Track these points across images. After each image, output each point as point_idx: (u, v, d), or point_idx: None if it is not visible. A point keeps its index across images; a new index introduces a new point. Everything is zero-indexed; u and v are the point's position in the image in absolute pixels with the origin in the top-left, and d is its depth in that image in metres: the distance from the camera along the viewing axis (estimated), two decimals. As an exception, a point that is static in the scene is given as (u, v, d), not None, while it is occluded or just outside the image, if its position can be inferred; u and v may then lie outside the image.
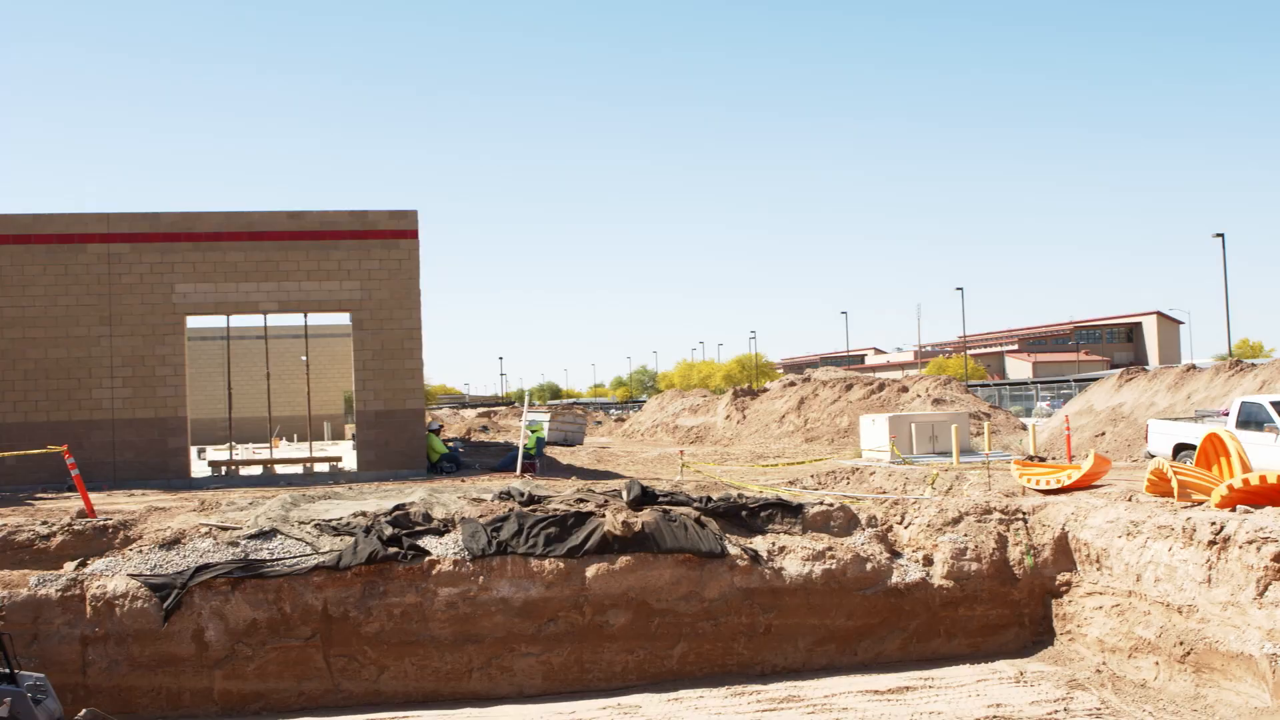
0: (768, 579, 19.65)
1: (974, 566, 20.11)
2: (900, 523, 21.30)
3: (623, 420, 77.44)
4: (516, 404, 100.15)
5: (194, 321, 30.80)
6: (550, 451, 39.68)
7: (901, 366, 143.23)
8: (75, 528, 20.36)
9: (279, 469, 31.87)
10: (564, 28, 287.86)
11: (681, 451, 37.79)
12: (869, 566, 20.00)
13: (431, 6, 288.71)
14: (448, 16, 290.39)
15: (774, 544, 20.23)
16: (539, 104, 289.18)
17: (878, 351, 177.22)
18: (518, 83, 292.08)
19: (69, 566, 19.27)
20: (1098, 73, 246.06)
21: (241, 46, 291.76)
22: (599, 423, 76.09)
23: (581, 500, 21.35)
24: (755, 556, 19.81)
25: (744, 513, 21.06)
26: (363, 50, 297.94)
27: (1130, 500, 19.85)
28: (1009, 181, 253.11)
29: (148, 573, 18.89)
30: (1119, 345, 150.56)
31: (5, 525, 20.43)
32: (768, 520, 21.01)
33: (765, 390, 60.84)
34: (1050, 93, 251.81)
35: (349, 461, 32.54)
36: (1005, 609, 20.20)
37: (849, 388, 51.07)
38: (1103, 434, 35.64)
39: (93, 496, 22.70)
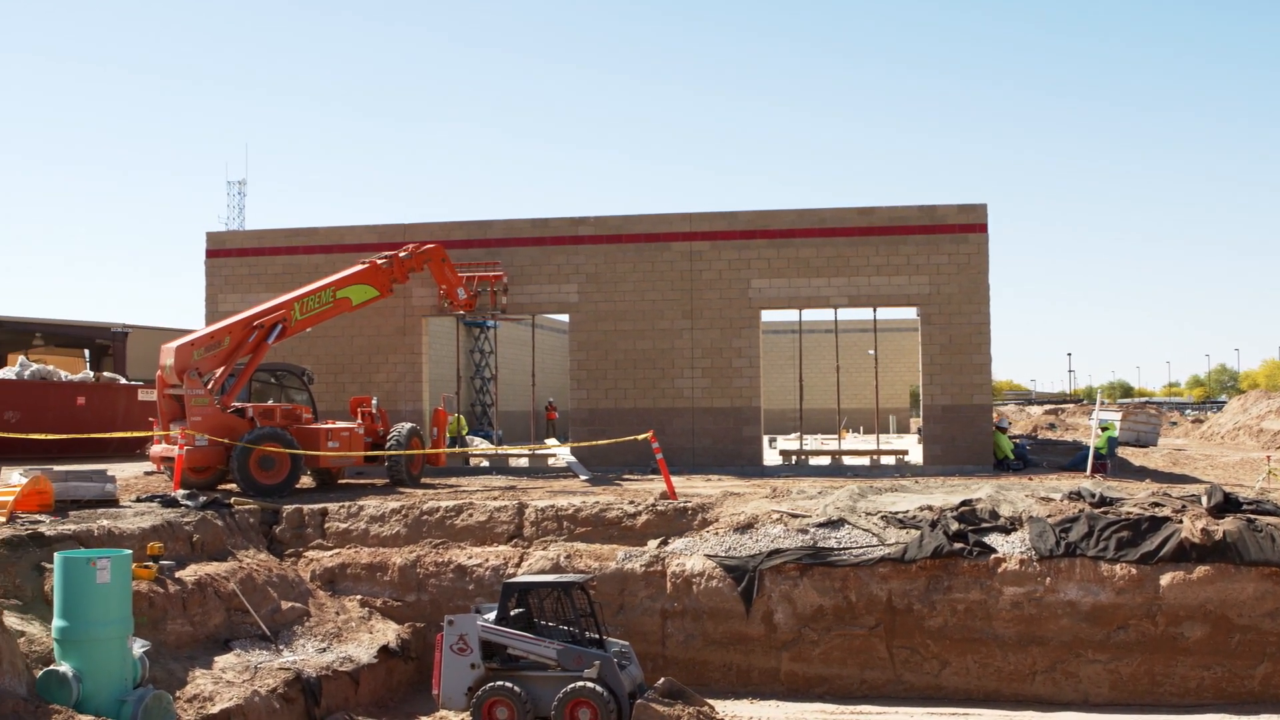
0: (1372, 601, 17.93)
1: None
2: None
3: (1200, 421, 72.46)
4: (1085, 401, 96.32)
5: (766, 315, 31.93)
6: (1121, 452, 37.88)
7: None
8: (658, 508, 21.78)
9: (846, 460, 32.46)
10: (1130, 31, 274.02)
11: (1268, 457, 34.92)
12: None
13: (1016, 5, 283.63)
14: (1023, 16, 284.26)
15: (1380, 564, 18.40)
16: (1110, 104, 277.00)
17: None
18: (1088, 83, 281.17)
19: (652, 544, 20.69)
20: None
21: (846, 46, 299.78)
22: (1173, 423, 71.68)
23: (1156, 504, 20.35)
24: (1357, 576, 18.13)
25: (1344, 527, 19.30)
26: (939, 47, 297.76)
27: None
28: None
29: (722, 554, 19.93)
30: None
31: (598, 503, 22.21)
32: (1372, 537, 19.13)
33: (1368, 392, 55.11)
34: None
35: (914, 455, 32.65)
36: None
37: None
38: None
39: (673, 480, 24.10)
